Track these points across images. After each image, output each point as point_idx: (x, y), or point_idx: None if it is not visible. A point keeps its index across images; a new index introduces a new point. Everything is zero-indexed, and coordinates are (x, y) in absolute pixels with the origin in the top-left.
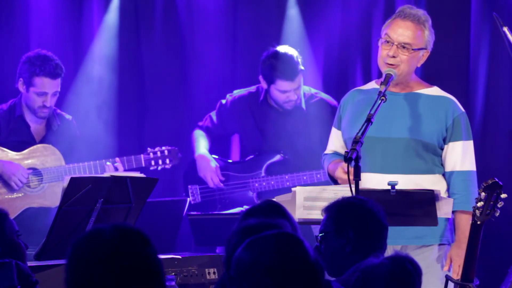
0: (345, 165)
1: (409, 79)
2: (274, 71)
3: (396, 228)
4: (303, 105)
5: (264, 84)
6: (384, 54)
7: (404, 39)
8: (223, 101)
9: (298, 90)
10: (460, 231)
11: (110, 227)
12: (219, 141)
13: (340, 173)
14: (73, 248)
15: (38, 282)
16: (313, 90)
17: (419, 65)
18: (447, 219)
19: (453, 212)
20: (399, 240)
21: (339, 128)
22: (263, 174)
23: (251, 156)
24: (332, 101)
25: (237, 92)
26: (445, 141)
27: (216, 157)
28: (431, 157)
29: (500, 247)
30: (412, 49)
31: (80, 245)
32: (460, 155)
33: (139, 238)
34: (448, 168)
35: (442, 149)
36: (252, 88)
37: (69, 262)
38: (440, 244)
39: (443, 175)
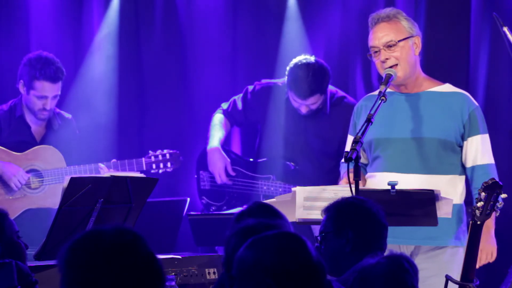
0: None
1: (418, 76)
2: (290, 82)
3: (409, 228)
4: (327, 109)
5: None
6: (379, 64)
7: (385, 40)
8: (250, 87)
9: (314, 105)
10: (484, 225)
11: (109, 230)
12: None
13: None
14: (70, 252)
15: (38, 282)
16: (332, 88)
17: (417, 54)
18: (461, 221)
19: None
20: (412, 241)
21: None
22: (273, 178)
23: (265, 159)
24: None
25: (266, 81)
26: (463, 137)
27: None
28: (449, 156)
29: (500, 247)
30: (397, 42)
31: (78, 249)
32: (480, 149)
33: (139, 240)
34: (469, 163)
35: (460, 146)
36: (280, 81)
37: (66, 265)
38: (453, 247)
39: (461, 174)
